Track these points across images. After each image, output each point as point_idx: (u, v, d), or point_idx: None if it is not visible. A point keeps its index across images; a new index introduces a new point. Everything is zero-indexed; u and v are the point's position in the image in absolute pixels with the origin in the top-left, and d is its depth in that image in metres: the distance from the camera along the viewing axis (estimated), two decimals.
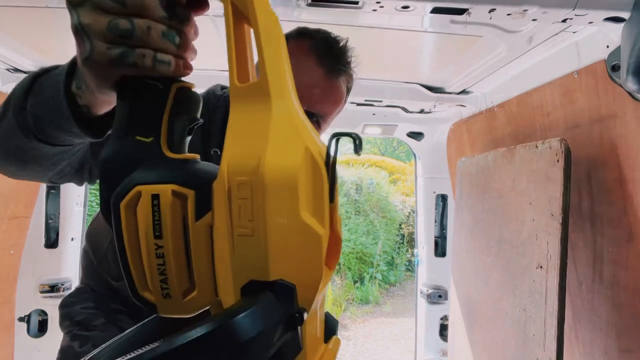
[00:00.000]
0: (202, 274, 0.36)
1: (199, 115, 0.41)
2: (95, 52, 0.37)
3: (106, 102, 0.46)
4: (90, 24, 0.36)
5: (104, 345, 0.42)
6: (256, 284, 0.34)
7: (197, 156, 0.39)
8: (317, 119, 0.88)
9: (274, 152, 0.33)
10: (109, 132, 0.47)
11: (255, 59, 0.38)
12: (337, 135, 0.34)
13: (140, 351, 0.29)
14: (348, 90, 0.95)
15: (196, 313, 0.37)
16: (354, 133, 0.34)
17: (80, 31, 0.37)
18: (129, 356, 0.30)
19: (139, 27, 0.36)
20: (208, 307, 0.38)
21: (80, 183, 0.70)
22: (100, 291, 1.03)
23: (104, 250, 0.99)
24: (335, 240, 0.37)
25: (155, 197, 0.35)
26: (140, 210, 0.36)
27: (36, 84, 0.49)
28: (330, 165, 0.34)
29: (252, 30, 0.36)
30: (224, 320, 0.30)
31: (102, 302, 1.01)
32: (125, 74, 0.38)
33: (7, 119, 0.50)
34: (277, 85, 0.35)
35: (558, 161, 1.04)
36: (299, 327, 0.34)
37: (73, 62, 0.46)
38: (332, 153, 0.34)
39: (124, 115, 0.39)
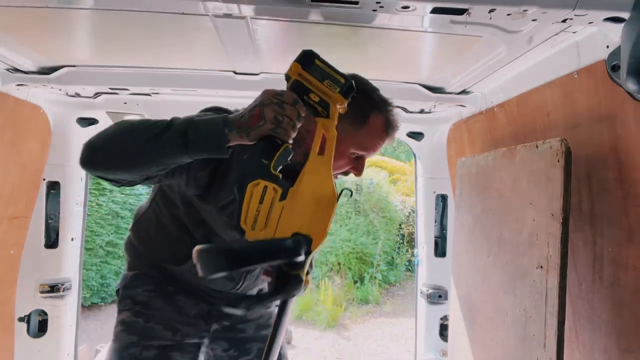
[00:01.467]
0: (272, 224, 0.83)
1: (289, 159, 0.87)
2: (264, 127, 0.84)
3: (242, 142, 0.87)
4: (268, 115, 0.84)
5: (202, 246, 0.75)
6: (296, 233, 0.82)
7: (280, 175, 0.85)
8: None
9: (326, 190, 0.87)
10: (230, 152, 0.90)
11: None
12: (342, 190, 0.91)
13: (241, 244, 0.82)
14: None
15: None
16: (350, 190, 0.96)
17: (262, 116, 0.84)
18: (227, 245, 0.89)
19: (286, 121, 0.85)
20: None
21: (152, 183, 1.14)
22: (156, 276, 1.25)
23: (154, 241, 1.25)
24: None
25: (265, 186, 0.82)
26: (256, 190, 0.82)
27: (192, 122, 0.88)
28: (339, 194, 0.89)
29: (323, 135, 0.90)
30: (287, 239, 0.81)
31: (159, 286, 1.25)
32: (267, 133, 0.85)
33: (167, 137, 0.87)
34: (330, 161, 0.88)
35: (558, 161, 1.04)
36: (309, 256, 0.82)
37: (227, 119, 0.87)
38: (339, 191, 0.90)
39: (258, 150, 0.85)
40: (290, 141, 0.86)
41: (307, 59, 0.88)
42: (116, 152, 0.90)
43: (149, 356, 1.16)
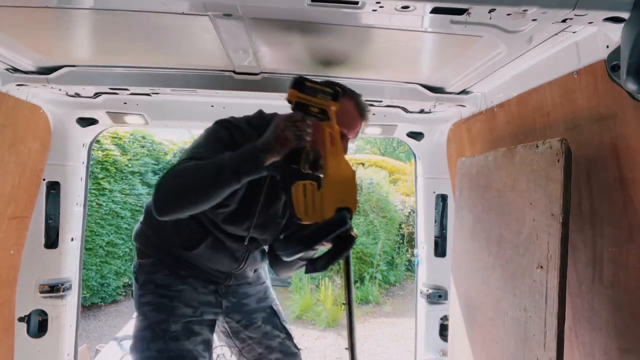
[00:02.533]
0: (318, 208, 1.14)
1: (311, 159, 1.22)
2: (290, 145, 1.13)
3: (273, 159, 1.15)
4: (290, 136, 1.12)
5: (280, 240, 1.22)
6: (338, 209, 1.12)
7: (310, 171, 1.22)
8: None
9: (346, 171, 1.17)
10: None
11: None
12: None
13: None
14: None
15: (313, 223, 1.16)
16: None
17: (286, 138, 1.12)
18: (299, 234, 1.17)
19: (303, 135, 1.13)
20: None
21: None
22: (169, 262, 1.49)
23: (167, 231, 1.46)
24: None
25: (304, 184, 1.15)
26: (298, 189, 1.15)
27: (236, 160, 1.14)
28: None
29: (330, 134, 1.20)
30: (335, 216, 1.12)
31: (174, 271, 1.49)
32: (292, 147, 1.15)
33: (224, 177, 1.13)
34: (340, 148, 1.19)
35: (558, 161, 1.04)
36: (349, 220, 1.13)
37: (260, 148, 1.14)
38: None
39: (289, 159, 1.17)
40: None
41: (300, 84, 1.17)
42: (188, 201, 1.18)
43: (177, 329, 1.43)
